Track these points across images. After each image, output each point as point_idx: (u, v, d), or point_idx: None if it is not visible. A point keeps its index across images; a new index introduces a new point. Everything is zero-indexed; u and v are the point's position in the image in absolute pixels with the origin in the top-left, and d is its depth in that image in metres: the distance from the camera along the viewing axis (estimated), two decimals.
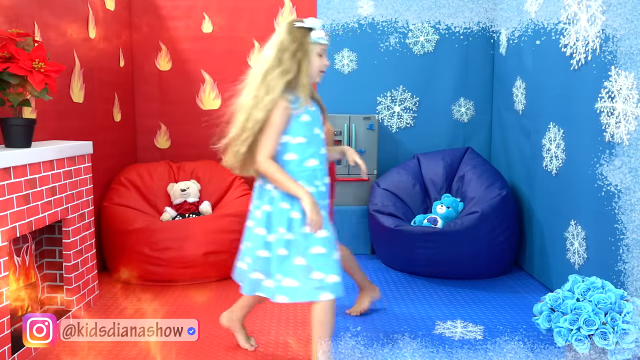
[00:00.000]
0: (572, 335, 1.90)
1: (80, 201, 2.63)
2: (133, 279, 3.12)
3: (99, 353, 2.26)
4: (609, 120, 2.34)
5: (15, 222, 2.08)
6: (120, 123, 3.72)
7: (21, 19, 2.48)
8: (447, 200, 3.47)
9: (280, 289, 1.95)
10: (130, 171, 3.60)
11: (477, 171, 3.53)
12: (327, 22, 3.92)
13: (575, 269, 2.69)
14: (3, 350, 1.99)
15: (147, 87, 4.04)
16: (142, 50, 4.00)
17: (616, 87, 2.28)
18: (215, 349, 2.30)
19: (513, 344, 2.35)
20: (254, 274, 2.02)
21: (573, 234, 2.72)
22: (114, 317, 2.62)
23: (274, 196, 1.97)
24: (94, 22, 3.27)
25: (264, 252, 1.99)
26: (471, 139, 4.02)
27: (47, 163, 2.33)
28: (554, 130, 2.93)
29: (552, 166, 2.96)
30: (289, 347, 2.36)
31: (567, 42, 2.73)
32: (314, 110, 2.02)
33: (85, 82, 3.16)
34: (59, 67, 2.28)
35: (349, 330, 2.51)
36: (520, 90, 3.42)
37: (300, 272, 1.92)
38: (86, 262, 2.69)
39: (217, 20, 3.96)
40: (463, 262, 3.18)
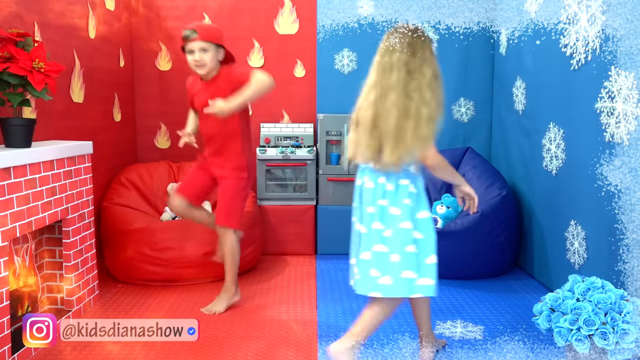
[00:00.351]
0: (572, 335, 1.90)
1: (80, 201, 2.63)
2: (133, 279, 3.12)
3: (99, 353, 2.26)
4: (609, 120, 2.34)
5: (15, 222, 2.08)
6: (120, 123, 3.72)
7: (21, 19, 2.48)
8: (447, 200, 3.47)
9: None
10: (130, 171, 3.60)
11: (477, 171, 3.53)
12: (327, 22, 3.92)
13: (575, 269, 2.69)
14: (3, 350, 1.99)
15: (147, 87, 4.04)
16: (142, 50, 4.01)
17: (616, 87, 2.28)
18: (216, 349, 2.30)
19: (513, 344, 2.35)
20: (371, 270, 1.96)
21: (573, 234, 2.72)
22: (114, 317, 2.62)
23: (395, 194, 1.95)
24: (94, 22, 3.27)
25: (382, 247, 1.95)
26: (471, 139, 4.02)
27: (47, 163, 2.33)
28: (554, 130, 2.93)
29: (552, 166, 2.96)
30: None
31: (567, 42, 2.73)
32: None
33: (85, 82, 3.16)
34: (59, 67, 2.28)
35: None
36: (520, 90, 3.42)
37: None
38: (86, 262, 2.69)
39: (217, 20, 3.96)
40: (463, 262, 3.18)
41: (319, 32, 3.93)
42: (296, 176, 3.78)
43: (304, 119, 4.02)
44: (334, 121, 3.74)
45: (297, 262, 3.63)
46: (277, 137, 3.91)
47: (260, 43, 3.98)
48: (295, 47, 3.99)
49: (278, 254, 3.78)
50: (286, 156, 3.72)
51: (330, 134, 3.75)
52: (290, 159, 3.72)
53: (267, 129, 3.93)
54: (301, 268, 3.51)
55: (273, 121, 4.02)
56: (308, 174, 3.76)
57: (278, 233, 3.76)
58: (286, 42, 3.97)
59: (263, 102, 4.03)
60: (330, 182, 3.77)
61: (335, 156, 3.78)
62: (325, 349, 2.17)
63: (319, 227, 3.78)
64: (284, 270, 3.45)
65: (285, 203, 3.76)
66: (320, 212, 3.77)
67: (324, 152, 3.76)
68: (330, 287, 3.14)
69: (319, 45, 3.94)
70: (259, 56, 3.99)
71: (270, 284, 3.19)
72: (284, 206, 3.76)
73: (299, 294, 3.01)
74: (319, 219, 3.77)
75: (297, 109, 4.04)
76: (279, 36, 3.97)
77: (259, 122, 3.98)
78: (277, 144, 3.87)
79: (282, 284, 3.20)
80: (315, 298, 2.95)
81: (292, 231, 3.77)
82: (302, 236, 3.78)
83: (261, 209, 3.72)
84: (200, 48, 2.52)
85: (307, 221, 3.77)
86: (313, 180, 3.76)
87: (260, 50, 3.98)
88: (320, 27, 3.93)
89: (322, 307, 2.81)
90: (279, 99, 4.01)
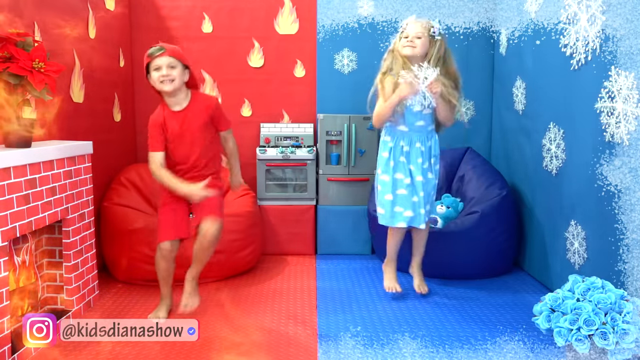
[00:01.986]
0: (572, 335, 1.90)
1: (80, 201, 2.63)
2: (133, 279, 3.12)
3: (99, 353, 2.26)
4: (609, 120, 2.34)
5: (15, 222, 2.08)
6: (120, 123, 3.72)
7: (21, 19, 2.48)
8: (447, 200, 3.47)
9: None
10: (130, 171, 3.60)
11: (477, 171, 3.53)
12: (327, 22, 3.92)
13: (575, 269, 2.69)
14: (3, 350, 1.99)
15: (147, 87, 4.01)
16: (142, 50, 3.97)
17: (616, 87, 2.28)
18: (216, 349, 2.30)
19: (513, 344, 2.35)
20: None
21: (573, 234, 2.72)
22: (114, 317, 2.63)
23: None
24: (94, 22, 3.27)
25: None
26: (471, 139, 4.01)
27: (47, 163, 2.33)
28: (554, 130, 2.93)
29: (552, 166, 2.96)
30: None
31: (567, 42, 2.73)
32: None
33: (85, 82, 3.16)
34: (59, 67, 2.28)
35: (349, 330, 2.51)
36: (520, 90, 3.42)
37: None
38: (86, 262, 2.69)
39: (217, 20, 3.96)
40: (463, 262, 3.18)
41: (319, 32, 3.93)
42: (296, 176, 3.78)
43: (304, 119, 4.02)
44: (334, 121, 3.74)
45: (297, 262, 3.63)
46: (277, 137, 3.91)
47: (260, 43, 3.98)
48: (295, 47, 3.99)
49: (278, 254, 3.78)
50: (286, 156, 3.72)
51: (330, 134, 3.75)
52: (290, 159, 3.72)
53: (267, 129, 3.93)
54: (301, 268, 3.51)
55: (273, 121, 4.02)
56: (308, 174, 3.76)
57: (278, 233, 3.76)
58: (286, 42, 3.97)
59: (263, 102, 4.04)
60: (330, 182, 3.77)
61: (335, 156, 3.78)
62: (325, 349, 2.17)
63: (319, 227, 3.78)
64: (284, 270, 3.45)
65: (285, 203, 3.76)
66: (320, 212, 3.77)
67: (324, 152, 3.76)
68: (330, 287, 3.14)
69: (319, 45, 3.94)
70: (259, 56, 3.99)
71: (270, 284, 3.19)
72: (284, 206, 3.76)
73: (299, 294, 3.01)
74: (319, 219, 3.77)
75: (297, 109, 4.04)
76: (279, 36, 3.97)
77: (258, 122, 3.98)
78: (277, 144, 3.87)
79: (282, 284, 3.20)
80: (315, 298, 2.95)
81: (292, 231, 3.77)
82: (302, 236, 3.78)
83: (261, 209, 3.72)
84: (168, 64, 2.45)
85: (307, 221, 3.77)
86: (313, 180, 3.76)
87: (260, 50, 3.98)
88: (320, 27, 3.93)
89: (322, 307, 2.81)
90: (279, 99, 4.01)
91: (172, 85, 2.47)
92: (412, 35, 2.73)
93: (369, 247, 3.80)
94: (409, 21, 2.79)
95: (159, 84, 2.47)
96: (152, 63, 2.47)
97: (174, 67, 2.46)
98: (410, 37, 2.73)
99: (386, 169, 2.83)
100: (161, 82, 2.46)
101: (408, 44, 2.74)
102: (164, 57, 2.46)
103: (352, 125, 3.72)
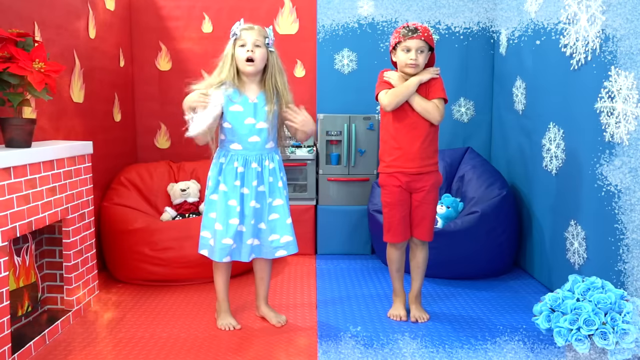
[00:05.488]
0: (572, 335, 1.90)
1: (80, 201, 2.63)
2: (133, 279, 3.12)
3: (99, 352, 2.26)
4: (608, 120, 2.34)
5: (15, 222, 2.08)
6: (120, 123, 3.72)
7: (21, 19, 2.48)
8: (447, 200, 3.47)
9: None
10: (130, 171, 3.60)
11: (477, 171, 3.53)
12: (327, 22, 3.92)
13: (575, 269, 2.69)
14: (3, 350, 1.99)
15: (147, 87, 4.04)
16: (142, 50, 4.01)
17: (616, 87, 2.28)
18: (215, 349, 2.30)
19: (513, 344, 2.35)
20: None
21: (573, 234, 2.72)
22: (114, 317, 2.63)
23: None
24: (94, 22, 3.27)
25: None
26: (471, 139, 4.02)
27: (47, 163, 2.33)
28: (554, 130, 2.93)
29: (552, 166, 2.97)
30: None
31: (567, 42, 2.73)
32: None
33: (85, 82, 3.16)
34: (59, 67, 2.28)
35: (349, 330, 2.51)
36: (520, 90, 3.42)
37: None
38: (86, 262, 2.69)
39: (217, 20, 3.96)
40: (463, 262, 3.18)
41: (319, 32, 3.93)
42: (296, 176, 3.78)
43: None
44: (334, 121, 3.74)
45: (297, 262, 3.63)
46: None
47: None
48: (295, 47, 3.99)
49: None
50: (286, 156, 3.72)
51: (330, 134, 3.75)
52: (290, 159, 3.72)
53: None
54: (301, 268, 3.51)
55: None
56: (308, 174, 3.76)
57: None
58: (286, 42, 3.97)
59: None
60: (330, 182, 3.77)
61: (335, 156, 3.78)
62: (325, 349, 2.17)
63: (319, 227, 3.78)
64: (284, 270, 3.45)
65: None
66: (320, 212, 3.77)
67: (324, 152, 3.77)
68: (330, 287, 3.14)
69: (319, 45, 3.94)
70: None
71: (270, 284, 3.19)
72: None
73: (299, 294, 3.02)
74: (319, 219, 3.77)
75: None
76: (279, 36, 3.97)
77: None
78: None
79: (282, 284, 3.20)
80: (315, 298, 2.95)
81: None
82: (302, 236, 3.77)
83: None
84: (418, 48, 2.46)
85: (307, 221, 3.77)
86: (313, 180, 3.76)
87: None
88: (320, 27, 3.93)
89: (322, 307, 2.81)
90: None
91: (418, 69, 2.50)
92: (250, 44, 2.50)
93: (369, 247, 3.80)
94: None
95: (406, 67, 2.49)
96: (403, 43, 2.46)
97: (422, 52, 2.48)
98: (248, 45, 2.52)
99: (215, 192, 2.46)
100: (410, 67, 2.48)
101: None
102: (415, 39, 2.45)
103: (352, 125, 3.72)
